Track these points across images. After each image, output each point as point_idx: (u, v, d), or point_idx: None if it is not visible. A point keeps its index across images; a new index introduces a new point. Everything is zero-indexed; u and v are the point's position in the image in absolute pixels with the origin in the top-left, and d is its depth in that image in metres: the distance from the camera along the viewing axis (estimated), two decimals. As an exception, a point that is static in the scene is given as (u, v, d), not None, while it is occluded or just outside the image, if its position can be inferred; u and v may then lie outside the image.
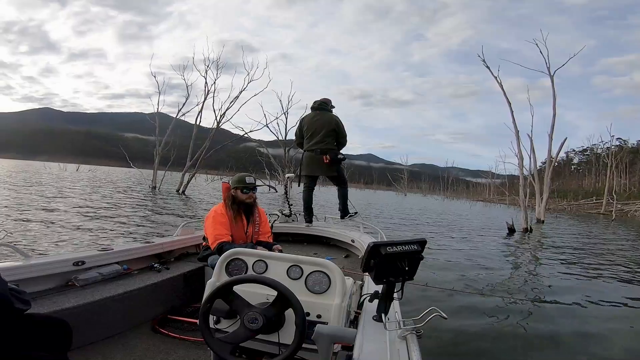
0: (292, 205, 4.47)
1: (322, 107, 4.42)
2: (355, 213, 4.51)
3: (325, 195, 18.90)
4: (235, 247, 1.79)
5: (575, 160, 78.95)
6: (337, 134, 4.31)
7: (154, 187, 20.34)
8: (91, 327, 1.84)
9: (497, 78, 17.06)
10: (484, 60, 17.20)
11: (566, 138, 18.94)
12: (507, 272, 6.07)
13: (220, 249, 2.35)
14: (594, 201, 43.18)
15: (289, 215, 4.35)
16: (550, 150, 18.31)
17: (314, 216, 4.37)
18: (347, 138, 4.42)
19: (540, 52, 17.83)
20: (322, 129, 4.27)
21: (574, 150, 77.05)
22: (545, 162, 19.65)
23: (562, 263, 7.14)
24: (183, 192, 19.38)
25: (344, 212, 4.48)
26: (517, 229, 12.83)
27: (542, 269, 6.56)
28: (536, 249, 9.48)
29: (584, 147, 74.98)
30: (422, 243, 1.31)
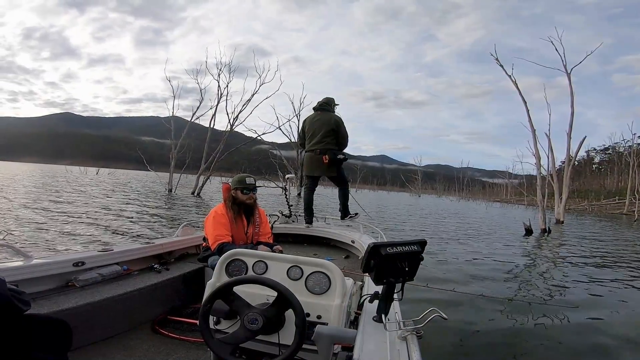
0: (292, 205, 4.48)
1: (324, 107, 4.41)
2: (356, 214, 4.49)
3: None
4: (235, 248, 1.82)
5: (597, 159, 76.51)
6: (337, 134, 4.28)
7: (170, 190, 20.74)
8: (91, 327, 1.84)
9: (512, 76, 16.74)
10: (497, 59, 16.91)
11: (585, 137, 18.38)
12: (518, 273, 5.89)
13: (221, 249, 2.33)
14: (617, 201, 41.76)
15: (289, 216, 4.36)
16: (569, 149, 17.82)
17: (314, 217, 4.37)
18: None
19: (556, 49, 17.42)
20: (322, 129, 4.26)
21: (594, 149, 74.73)
22: (564, 162, 19.08)
23: (579, 265, 6.89)
24: (198, 194, 19.68)
25: (344, 212, 4.47)
26: (534, 229, 12.50)
27: (556, 271, 6.34)
28: (553, 250, 9.20)
29: (605, 146, 72.68)
30: (422, 244, 1.31)
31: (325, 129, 4.25)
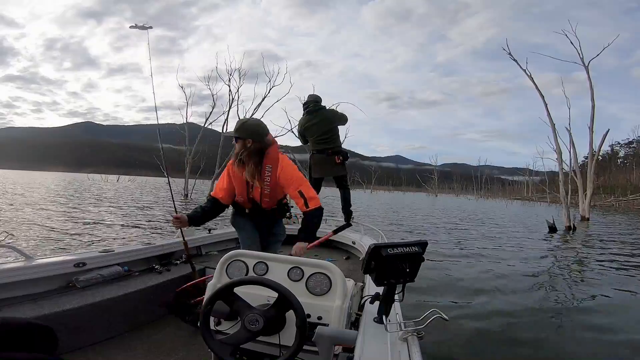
0: (292, 207, 4.49)
1: None
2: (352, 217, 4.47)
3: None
4: None
5: (621, 154, 73.69)
6: None
7: (186, 195, 21.15)
8: (92, 328, 1.86)
9: (526, 71, 16.39)
10: (509, 53, 16.56)
11: (608, 130, 17.61)
12: (534, 272, 5.69)
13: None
14: (645, 196, 39.95)
15: (290, 217, 4.36)
16: (591, 144, 17.20)
17: None
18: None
19: (571, 42, 16.87)
20: None
21: (619, 143, 72.16)
22: (587, 157, 18.44)
23: (605, 265, 6.58)
24: (213, 198, 19.90)
25: (348, 215, 4.44)
26: (558, 227, 12.07)
27: (578, 270, 6.09)
28: (577, 248, 8.84)
29: (630, 140, 70.07)
30: (423, 245, 1.28)
31: None
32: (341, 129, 4.61)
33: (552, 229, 11.71)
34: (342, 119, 4.41)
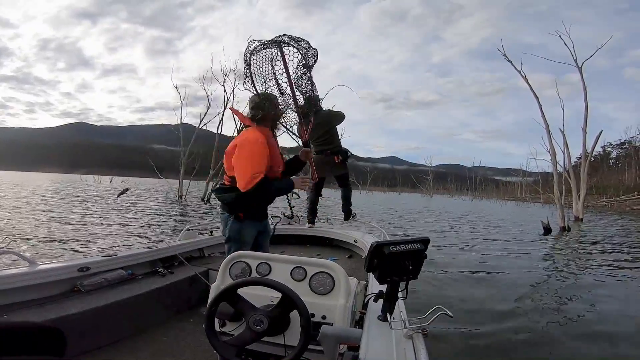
0: (293, 207, 4.49)
1: None
2: (355, 214, 4.50)
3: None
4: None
5: (614, 154, 74.75)
6: None
7: (180, 197, 20.98)
8: (97, 332, 1.86)
9: (521, 72, 16.61)
10: (504, 54, 16.76)
11: (602, 131, 17.82)
12: (533, 273, 5.72)
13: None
14: (636, 196, 40.49)
15: (291, 217, 4.36)
16: (585, 144, 17.38)
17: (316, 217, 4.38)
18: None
19: (565, 43, 17.10)
20: None
21: (611, 144, 73.20)
22: (580, 158, 18.64)
23: (603, 265, 6.63)
24: (208, 200, 19.79)
25: (348, 213, 4.47)
26: (553, 228, 12.13)
27: (577, 271, 6.12)
28: (575, 250, 8.89)
29: (622, 140, 71.17)
30: (425, 242, 1.29)
31: None
32: (338, 129, 4.63)
33: (547, 229, 11.75)
34: (339, 118, 4.42)
